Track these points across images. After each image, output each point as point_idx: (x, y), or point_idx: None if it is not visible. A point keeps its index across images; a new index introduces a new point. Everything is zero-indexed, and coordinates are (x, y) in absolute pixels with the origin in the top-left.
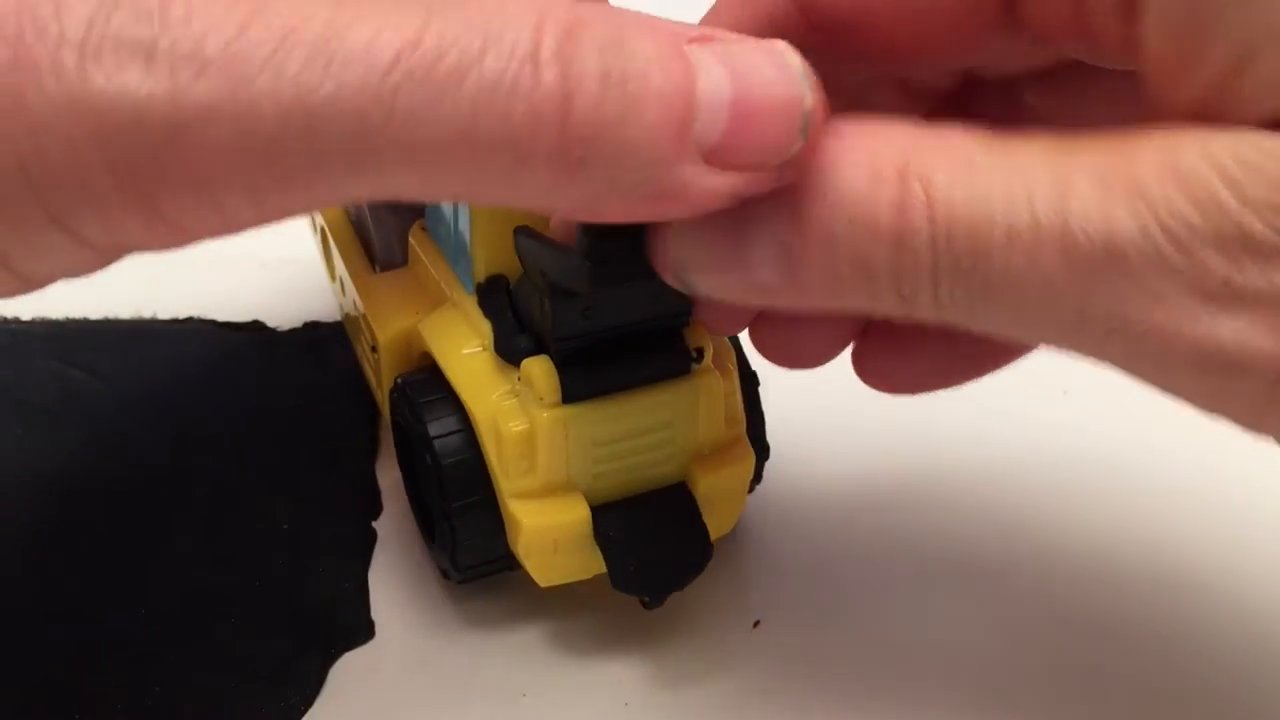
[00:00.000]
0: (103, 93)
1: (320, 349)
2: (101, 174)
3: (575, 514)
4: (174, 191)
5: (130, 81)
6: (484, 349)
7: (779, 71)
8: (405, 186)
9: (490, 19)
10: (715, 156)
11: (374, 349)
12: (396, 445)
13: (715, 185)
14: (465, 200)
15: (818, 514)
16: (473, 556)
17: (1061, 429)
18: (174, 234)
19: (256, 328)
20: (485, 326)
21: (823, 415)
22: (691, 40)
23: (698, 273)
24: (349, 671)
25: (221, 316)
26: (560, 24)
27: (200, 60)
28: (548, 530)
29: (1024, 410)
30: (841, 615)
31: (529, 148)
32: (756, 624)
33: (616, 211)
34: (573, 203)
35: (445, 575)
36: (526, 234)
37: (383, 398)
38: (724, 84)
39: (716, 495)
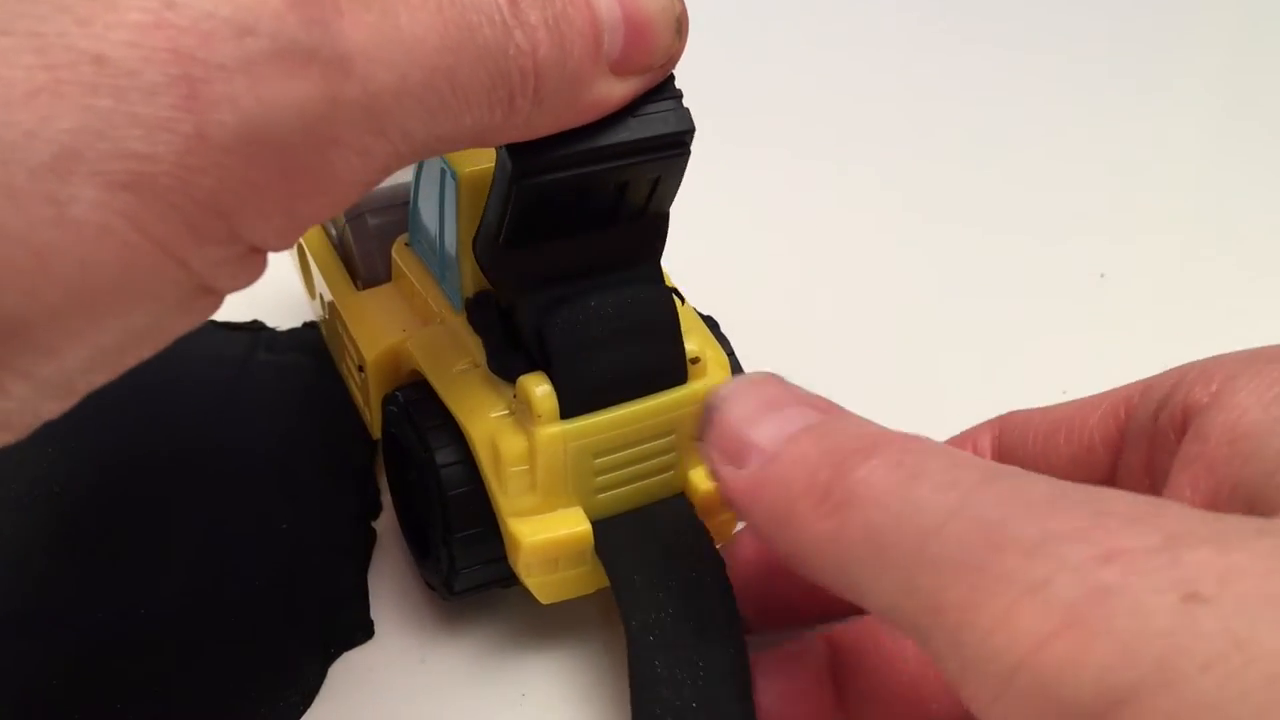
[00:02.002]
0: (271, 107)
1: (320, 349)
2: (280, 186)
3: (576, 530)
4: (328, 188)
5: (291, 93)
6: (475, 366)
7: None
8: (446, 138)
9: None
10: (619, 66)
11: (361, 368)
12: (386, 458)
13: (621, 91)
14: (461, 145)
15: None
16: (469, 582)
17: None
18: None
19: (256, 327)
20: (475, 343)
21: None
22: None
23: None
24: (349, 671)
25: (221, 316)
26: None
27: (342, 62)
28: (548, 547)
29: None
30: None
31: (520, 98)
32: None
33: (550, 129)
34: (526, 131)
35: (433, 589)
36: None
37: (370, 416)
38: (614, 7)
39: (716, 504)
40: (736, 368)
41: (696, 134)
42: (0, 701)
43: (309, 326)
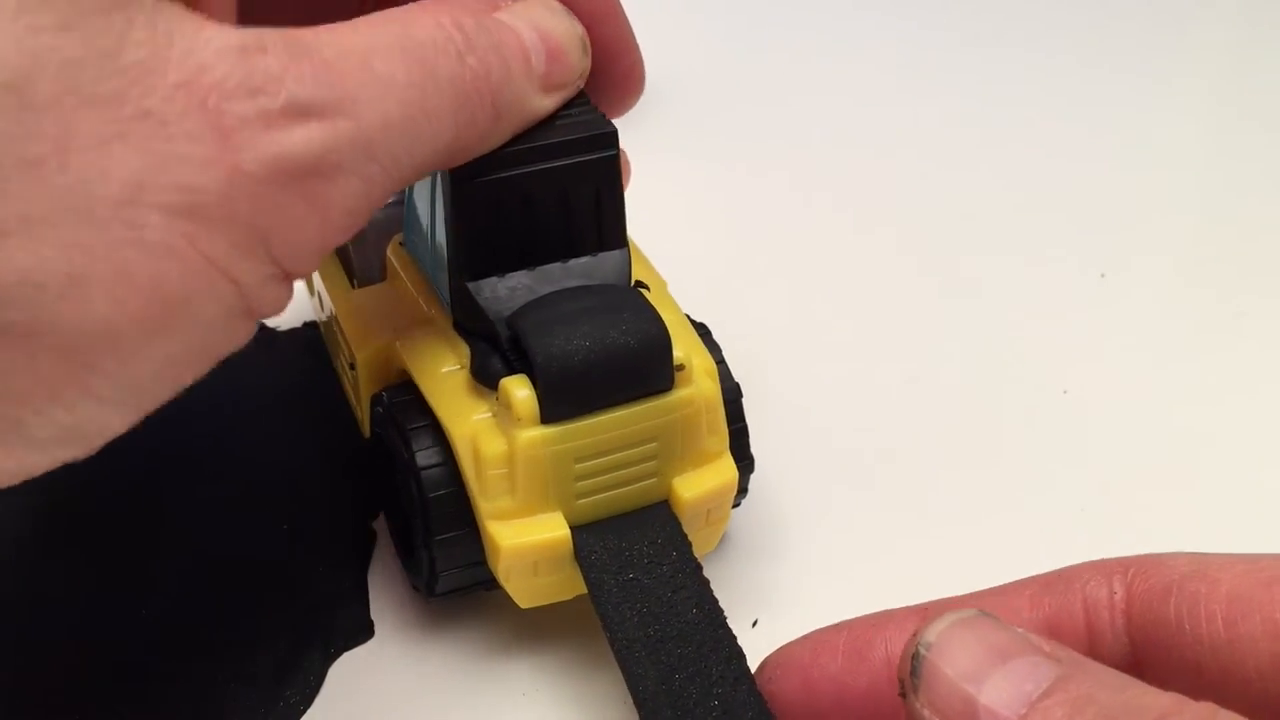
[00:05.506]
0: (287, 147)
1: (319, 349)
2: (303, 208)
3: (555, 534)
4: (338, 210)
5: (299, 135)
6: (462, 368)
7: (557, 18)
8: (427, 160)
9: (410, 27)
10: (544, 82)
11: (352, 366)
12: (373, 457)
13: (549, 104)
14: (439, 164)
15: (811, 521)
16: (450, 584)
17: (1061, 428)
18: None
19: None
20: (463, 345)
21: (810, 423)
22: (496, 11)
23: None
24: (349, 671)
25: None
26: (451, 20)
27: (335, 107)
28: (527, 551)
29: (1023, 409)
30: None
31: (480, 115)
32: (755, 623)
33: (500, 141)
34: (484, 145)
35: (417, 589)
36: None
37: (361, 414)
38: (533, 33)
39: (700, 512)
40: (726, 375)
41: (695, 143)
42: (1, 700)
43: (309, 326)
